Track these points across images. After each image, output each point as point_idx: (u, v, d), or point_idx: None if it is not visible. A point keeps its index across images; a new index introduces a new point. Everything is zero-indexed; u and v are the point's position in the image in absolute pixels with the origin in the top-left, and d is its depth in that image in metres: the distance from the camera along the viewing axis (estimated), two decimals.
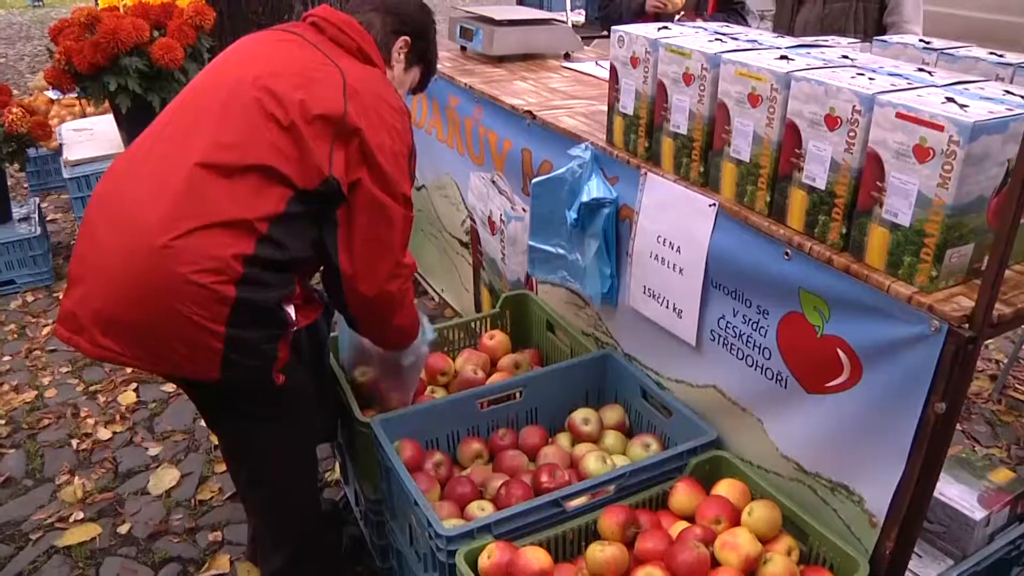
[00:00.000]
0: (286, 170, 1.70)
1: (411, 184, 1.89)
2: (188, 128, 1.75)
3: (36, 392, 3.40)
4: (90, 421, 3.20)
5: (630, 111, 2.12)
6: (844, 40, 2.33)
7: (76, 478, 2.89)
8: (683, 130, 1.96)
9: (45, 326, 3.92)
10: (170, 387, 3.38)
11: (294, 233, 1.75)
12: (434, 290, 3.87)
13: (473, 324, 2.71)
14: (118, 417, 3.22)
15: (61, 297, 1.86)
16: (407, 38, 2.02)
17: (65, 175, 4.12)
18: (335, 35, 1.89)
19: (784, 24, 3.61)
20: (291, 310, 1.81)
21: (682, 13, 3.82)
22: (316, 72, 1.78)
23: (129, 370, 3.49)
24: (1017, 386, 3.43)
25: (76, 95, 4.55)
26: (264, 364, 1.79)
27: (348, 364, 2.34)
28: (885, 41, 2.23)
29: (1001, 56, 2.03)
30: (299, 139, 1.70)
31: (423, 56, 2.10)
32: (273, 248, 1.71)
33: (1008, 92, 1.58)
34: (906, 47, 2.17)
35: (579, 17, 8.28)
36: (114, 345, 1.71)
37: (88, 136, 4.55)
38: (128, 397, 3.35)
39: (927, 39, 2.21)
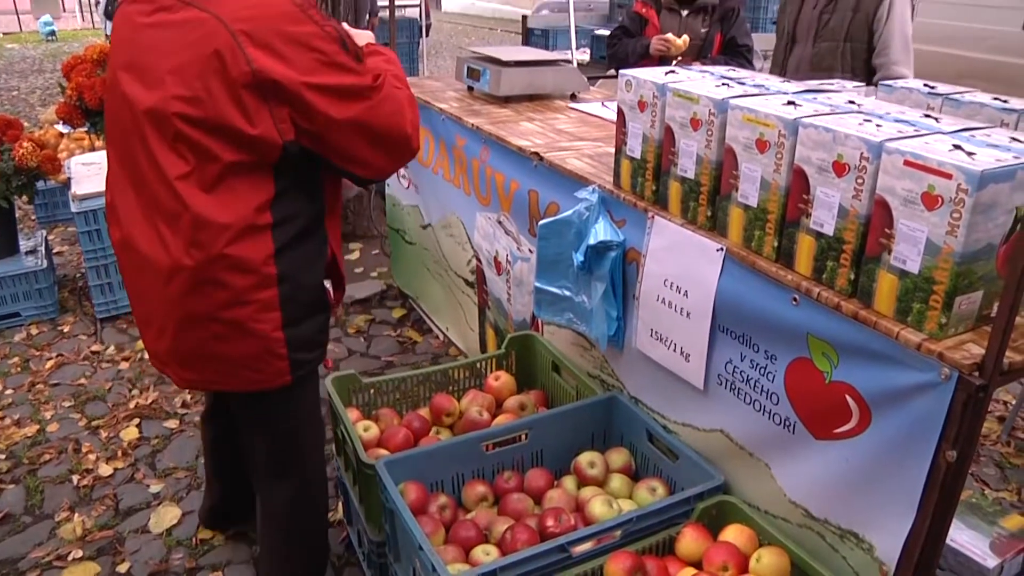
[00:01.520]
0: (252, 158, 1.66)
1: (355, 62, 1.72)
2: (146, 160, 1.70)
3: (38, 426, 3.38)
4: (91, 457, 3.18)
5: (637, 154, 2.13)
6: (849, 84, 2.34)
7: (76, 515, 2.87)
8: (691, 174, 1.96)
9: (48, 359, 3.91)
10: (173, 423, 3.37)
11: (295, 200, 1.75)
12: (439, 328, 3.87)
13: (478, 364, 2.70)
14: (120, 453, 3.20)
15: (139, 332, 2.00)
16: None
17: (73, 209, 4.12)
18: None
19: (779, 63, 3.67)
20: (329, 287, 1.91)
21: (680, 57, 3.85)
22: (201, 43, 1.61)
23: (132, 405, 3.48)
24: None
25: (86, 130, 4.58)
26: (320, 353, 1.92)
27: None
28: (890, 86, 2.24)
29: (1005, 101, 2.04)
30: (237, 124, 1.62)
31: None
32: (288, 229, 1.74)
33: (1014, 139, 1.58)
34: (911, 92, 2.18)
35: (584, 56, 8.39)
36: (193, 375, 1.84)
37: (97, 170, 4.55)
38: (130, 432, 3.33)
39: (931, 84, 2.22)
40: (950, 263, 1.44)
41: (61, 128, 6.11)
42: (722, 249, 1.88)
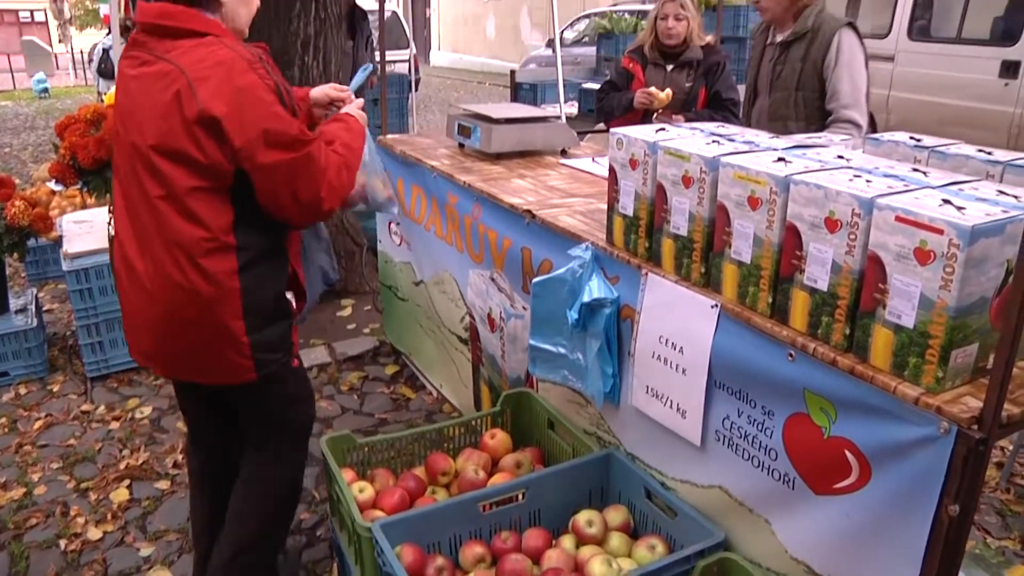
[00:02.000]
0: (210, 183, 1.95)
1: (289, 115, 2.00)
2: (136, 188, 2.02)
3: (24, 489, 3.33)
4: (80, 520, 3.13)
5: (630, 212, 2.15)
6: (836, 137, 2.38)
7: None
8: (683, 231, 1.97)
9: (37, 420, 3.87)
10: (164, 483, 3.33)
11: (255, 224, 2.03)
12: (432, 385, 3.85)
13: (474, 422, 2.68)
14: (109, 516, 3.15)
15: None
16: None
17: (65, 268, 4.11)
18: (160, 32, 1.99)
19: (745, 114, 3.75)
20: (291, 297, 2.21)
21: (660, 110, 3.91)
22: (165, 89, 1.93)
23: (123, 465, 3.44)
24: None
25: (79, 187, 4.59)
26: (285, 355, 2.20)
27: None
28: (876, 139, 2.27)
29: (989, 153, 2.07)
30: (193, 154, 1.92)
31: None
32: (251, 251, 2.02)
33: (1002, 192, 1.60)
34: (897, 145, 2.21)
35: (572, 109, 8.51)
36: (172, 370, 2.21)
37: (88, 228, 4.55)
38: (121, 494, 3.28)
39: (917, 136, 2.25)
40: (945, 317, 1.45)
41: (53, 186, 6.13)
42: (717, 305, 1.88)
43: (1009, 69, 7.49)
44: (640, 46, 4.14)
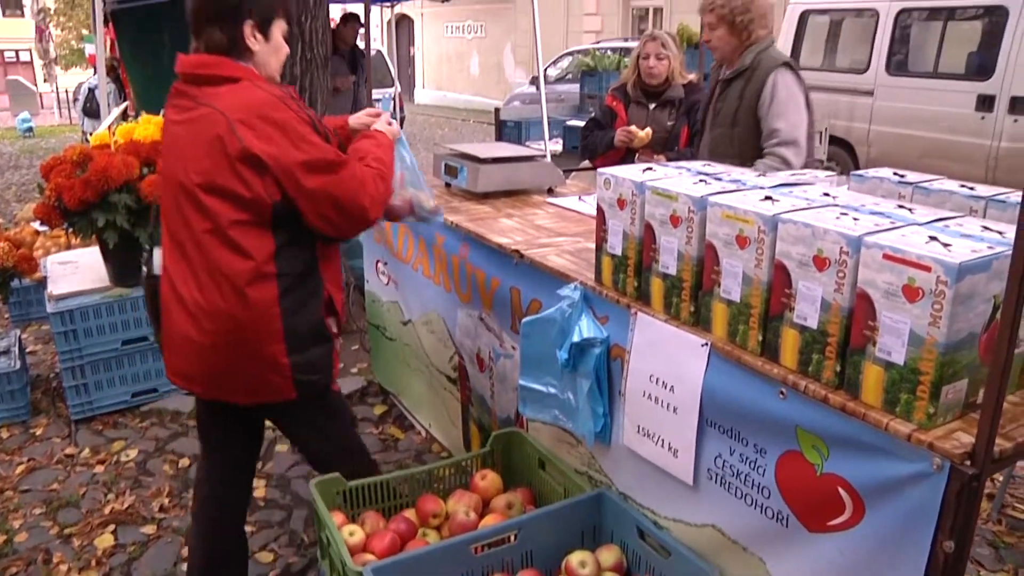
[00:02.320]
0: (252, 217, 2.11)
1: (326, 142, 2.18)
2: (182, 224, 2.18)
3: (5, 536, 3.27)
4: (63, 568, 3.07)
5: (618, 252, 2.15)
6: (822, 174, 2.40)
7: None
8: (672, 271, 1.98)
9: (19, 464, 3.82)
10: (151, 528, 3.28)
11: (293, 253, 2.18)
12: (421, 425, 3.83)
13: (464, 463, 2.66)
14: (94, 562, 3.10)
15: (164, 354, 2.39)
16: (250, 21, 2.18)
17: (49, 310, 4.07)
18: (199, 79, 2.17)
19: (697, 149, 3.75)
20: (331, 322, 2.33)
21: (641, 149, 3.94)
22: (208, 131, 2.10)
23: (107, 510, 3.38)
24: (1016, 504, 3.39)
25: (64, 228, 4.57)
26: (324, 377, 2.32)
27: None
28: (861, 176, 2.29)
29: (972, 188, 2.10)
30: (237, 190, 2.08)
31: (269, 17, 2.22)
32: (289, 277, 2.17)
33: (986, 228, 1.62)
34: (882, 181, 2.24)
35: (557, 146, 8.57)
36: (216, 391, 2.29)
37: (73, 269, 4.53)
38: (105, 540, 3.23)
39: (900, 172, 2.28)
40: (935, 353, 1.46)
41: (38, 226, 6.10)
42: (707, 344, 1.89)
43: (984, 103, 7.61)
44: (623, 84, 4.18)
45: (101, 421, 4.17)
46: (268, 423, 2.57)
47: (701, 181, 2.00)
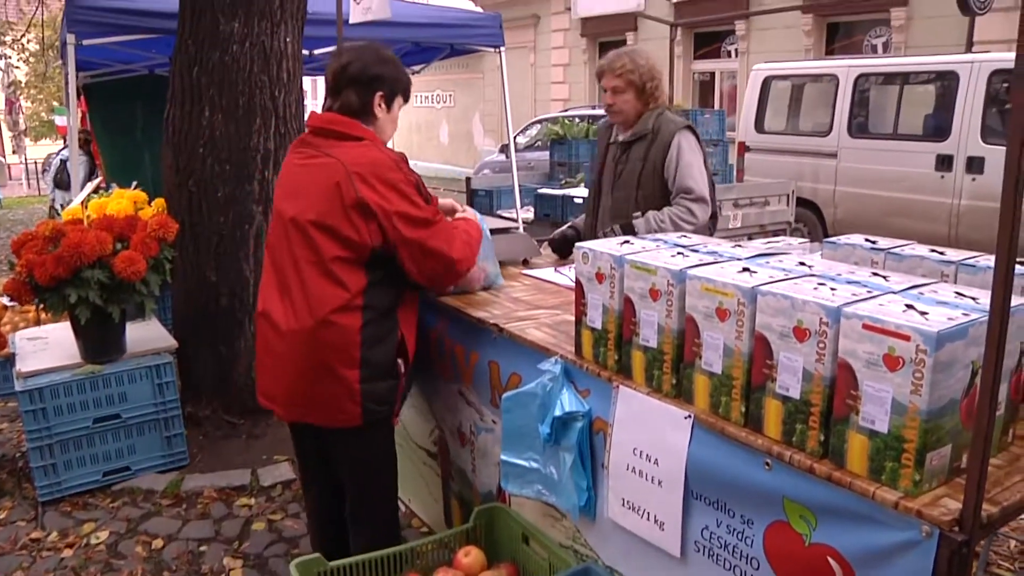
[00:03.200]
0: (352, 255, 2.42)
1: (427, 203, 2.52)
2: (287, 255, 2.51)
3: None
4: None
5: (598, 325, 2.16)
6: (795, 241, 2.43)
7: None
8: (653, 344, 1.99)
9: None
10: None
11: (380, 292, 2.48)
12: (401, 500, 3.76)
13: (447, 540, 2.62)
14: None
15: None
16: (380, 92, 2.55)
17: (17, 388, 3.97)
18: (328, 133, 2.51)
19: (592, 212, 3.78)
20: (401, 363, 2.56)
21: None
22: (329, 178, 2.42)
23: None
24: (1000, 562, 3.38)
25: (35, 304, 4.49)
26: (388, 410, 2.58)
27: None
28: (834, 243, 2.33)
29: (942, 253, 2.14)
30: (345, 231, 2.39)
31: (395, 91, 2.62)
32: (373, 311, 2.45)
33: (959, 294, 1.65)
34: (855, 248, 2.28)
35: (528, 214, 8.63)
36: (292, 411, 2.60)
37: (43, 345, 4.44)
38: None
39: (872, 239, 2.32)
40: (917, 421, 1.46)
41: (6, 301, 6.00)
42: (690, 416, 1.88)
43: (943, 162, 7.82)
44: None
45: (70, 502, 4.03)
46: None
47: (679, 254, 2.02)
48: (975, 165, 7.56)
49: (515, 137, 10.46)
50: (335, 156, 2.44)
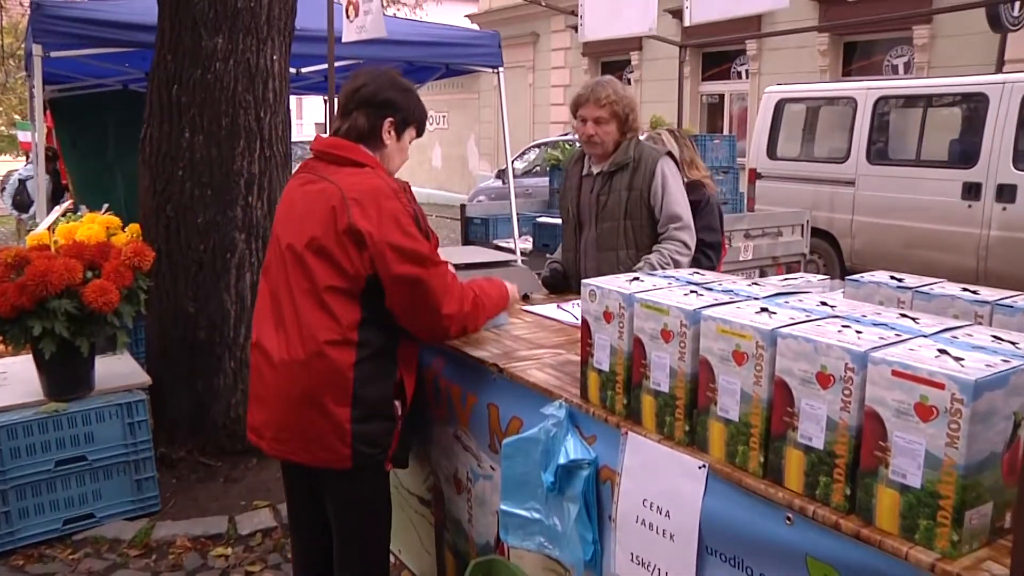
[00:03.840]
0: (346, 285, 2.43)
1: (428, 241, 2.51)
2: (283, 282, 2.53)
3: None
4: None
5: (605, 367, 2.15)
6: (815, 278, 2.42)
7: None
8: (664, 388, 1.97)
9: None
10: None
11: (376, 327, 2.49)
12: (391, 551, 3.72)
13: None
14: None
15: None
16: (391, 118, 2.60)
17: None
18: (330, 158, 2.55)
19: (571, 247, 3.85)
20: (398, 405, 2.59)
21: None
22: (325, 202, 2.44)
23: None
24: None
25: None
26: (381, 453, 2.59)
27: None
28: (857, 280, 2.32)
29: (975, 292, 2.12)
30: (338, 258, 2.41)
31: (407, 121, 2.67)
32: (368, 348, 2.46)
33: (997, 338, 1.63)
34: (879, 286, 2.26)
35: (527, 244, 8.63)
36: (281, 446, 2.55)
37: (1, 380, 4.40)
38: None
39: (898, 276, 2.30)
40: (954, 476, 1.44)
41: None
42: (704, 466, 1.86)
43: (971, 191, 7.80)
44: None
45: (24, 554, 3.88)
46: None
47: (692, 292, 2.01)
48: (1006, 193, 7.56)
49: (512, 162, 10.48)
50: (333, 181, 2.48)
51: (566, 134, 14.74)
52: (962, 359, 1.49)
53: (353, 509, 2.67)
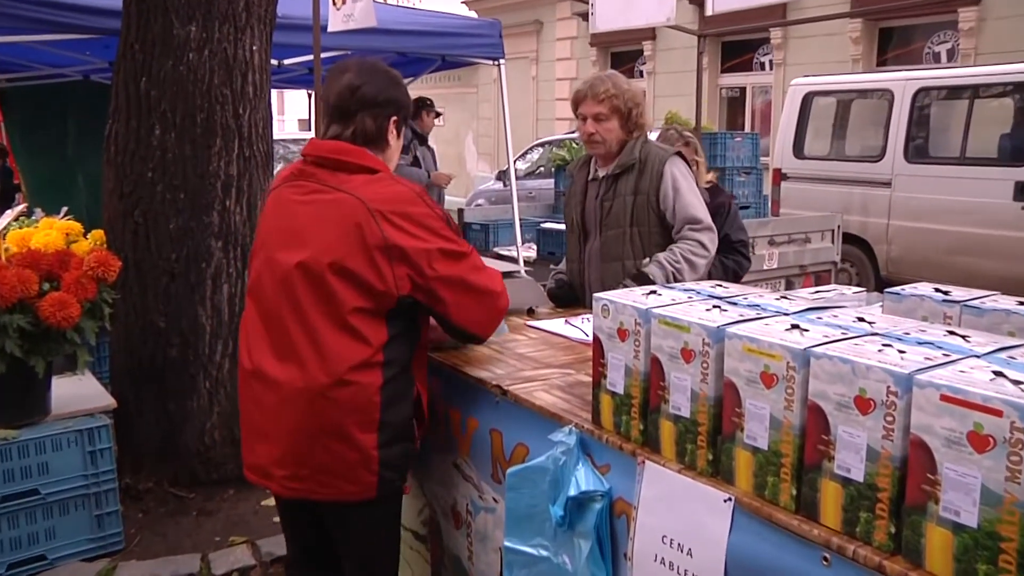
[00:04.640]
0: (374, 306, 2.44)
1: (455, 235, 2.58)
2: (288, 307, 2.48)
3: None
4: None
5: (620, 389, 2.14)
6: (849, 290, 2.40)
7: None
8: (685, 412, 1.96)
9: None
10: None
11: (401, 345, 2.52)
12: None
13: None
14: None
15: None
16: (395, 117, 2.64)
17: None
18: (336, 165, 2.53)
19: (575, 257, 3.88)
20: (416, 424, 2.62)
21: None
22: (345, 217, 2.43)
23: None
24: None
25: None
26: (401, 478, 2.64)
27: None
28: (898, 294, 2.30)
29: None
30: (367, 277, 2.40)
31: (405, 116, 2.72)
32: (394, 367, 2.49)
33: None
34: (923, 300, 2.24)
35: (530, 252, 8.63)
36: (297, 483, 2.50)
37: None
38: None
39: (943, 289, 2.28)
40: (1016, 514, 1.41)
41: None
42: (730, 499, 1.85)
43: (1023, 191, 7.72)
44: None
45: None
46: None
47: (715, 307, 2.00)
48: None
49: (514, 162, 10.49)
50: (348, 191, 2.46)
51: (572, 132, 14.74)
52: (1021, 382, 1.47)
53: (371, 540, 2.67)
